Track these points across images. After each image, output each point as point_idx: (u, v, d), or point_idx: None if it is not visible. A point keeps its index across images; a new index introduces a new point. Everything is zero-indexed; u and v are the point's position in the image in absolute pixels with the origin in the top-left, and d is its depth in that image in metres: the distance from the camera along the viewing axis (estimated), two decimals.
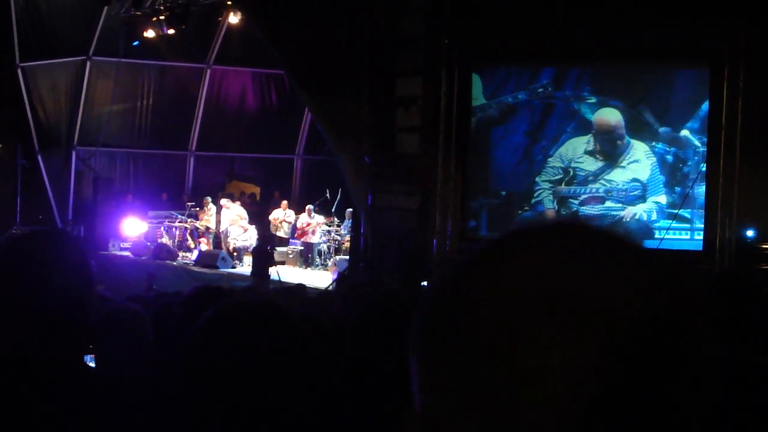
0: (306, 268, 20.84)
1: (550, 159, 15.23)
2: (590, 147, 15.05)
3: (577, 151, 15.09)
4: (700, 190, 14.33)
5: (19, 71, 24.10)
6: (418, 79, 15.24)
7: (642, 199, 14.71)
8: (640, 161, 14.76)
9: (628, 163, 14.80)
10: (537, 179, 15.33)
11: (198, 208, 23.03)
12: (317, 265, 20.89)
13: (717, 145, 13.88)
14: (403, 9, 15.18)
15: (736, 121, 13.47)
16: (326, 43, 15.56)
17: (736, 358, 1.75)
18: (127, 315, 4.03)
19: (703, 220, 14.33)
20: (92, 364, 3.46)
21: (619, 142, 14.90)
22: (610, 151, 14.93)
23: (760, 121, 13.21)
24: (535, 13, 14.34)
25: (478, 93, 15.58)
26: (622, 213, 14.78)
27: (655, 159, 14.69)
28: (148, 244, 22.48)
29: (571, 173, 15.09)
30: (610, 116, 14.98)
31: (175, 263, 21.28)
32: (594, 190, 14.98)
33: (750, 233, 13.56)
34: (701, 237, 14.34)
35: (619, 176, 14.85)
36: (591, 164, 15.03)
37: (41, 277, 2.05)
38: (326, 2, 15.32)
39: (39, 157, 24.53)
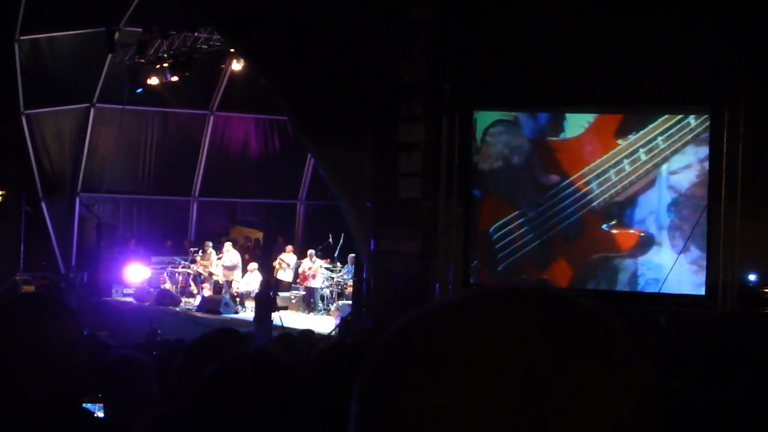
0: (308, 313, 20.82)
1: None
2: None
3: None
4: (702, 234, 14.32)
5: (24, 118, 24.26)
6: (419, 124, 15.31)
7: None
8: None
9: None
10: None
11: (200, 253, 23.07)
12: (320, 310, 20.87)
13: (718, 189, 13.90)
14: (405, 55, 15.29)
15: (737, 166, 13.51)
16: (328, 89, 15.65)
17: (733, 402, 1.77)
18: (131, 363, 4.05)
19: (705, 264, 14.30)
20: (101, 414, 3.46)
21: None
22: None
23: (761, 166, 13.25)
24: (536, 59, 14.45)
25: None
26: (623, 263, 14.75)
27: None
28: (151, 290, 22.48)
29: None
30: None
31: (178, 309, 21.28)
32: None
33: (752, 277, 13.55)
34: (703, 281, 14.31)
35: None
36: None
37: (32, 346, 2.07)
38: (329, 48, 15.42)
39: (43, 204, 24.62)
